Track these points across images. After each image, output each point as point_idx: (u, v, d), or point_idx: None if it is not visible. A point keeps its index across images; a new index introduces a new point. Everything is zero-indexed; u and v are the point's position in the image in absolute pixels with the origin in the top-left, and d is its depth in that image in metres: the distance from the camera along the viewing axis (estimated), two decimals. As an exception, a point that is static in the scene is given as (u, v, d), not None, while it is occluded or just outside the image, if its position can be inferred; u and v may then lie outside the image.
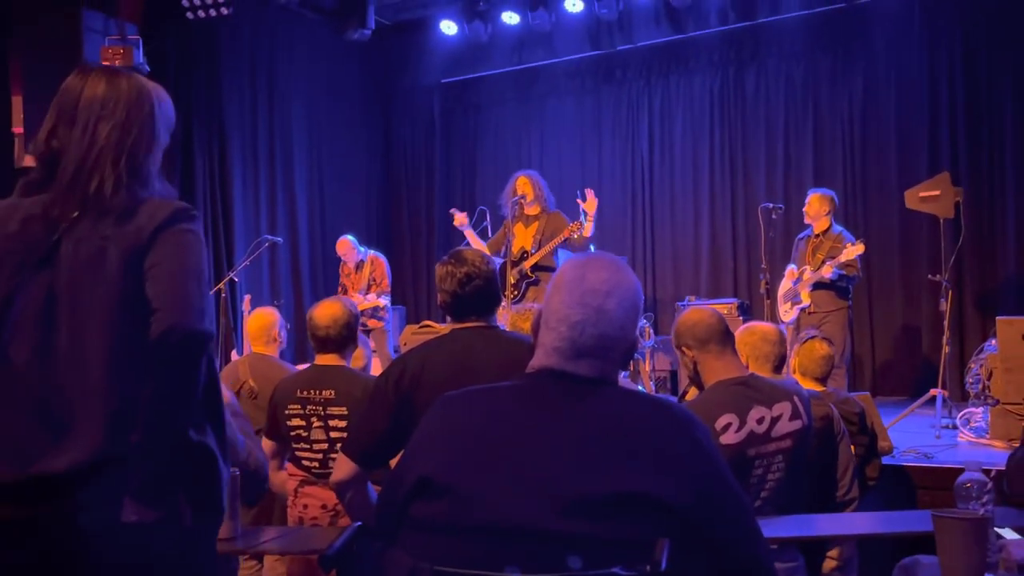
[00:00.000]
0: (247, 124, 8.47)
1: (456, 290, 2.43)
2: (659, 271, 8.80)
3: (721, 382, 2.56)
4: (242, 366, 4.09)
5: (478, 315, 2.44)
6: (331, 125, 9.25)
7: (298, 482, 3.11)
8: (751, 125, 8.46)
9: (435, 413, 1.51)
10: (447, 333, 2.47)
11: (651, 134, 8.89)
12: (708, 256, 8.55)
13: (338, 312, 3.16)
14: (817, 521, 2.66)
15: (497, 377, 1.59)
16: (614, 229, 8.88)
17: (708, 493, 1.36)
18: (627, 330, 1.49)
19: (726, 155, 8.56)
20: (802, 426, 2.54)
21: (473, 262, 2.45)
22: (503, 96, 9.54)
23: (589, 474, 1.34)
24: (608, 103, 9.10)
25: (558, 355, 1.46)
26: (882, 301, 7.81)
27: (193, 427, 1.60)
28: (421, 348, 2.46)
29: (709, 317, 2.61)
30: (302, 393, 3.11)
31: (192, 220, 1.66)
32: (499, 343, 2.39)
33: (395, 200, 10.11)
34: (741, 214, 8.42)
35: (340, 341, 3.16)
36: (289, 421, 3.12)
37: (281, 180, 8.74)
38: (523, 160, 9.04)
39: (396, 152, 10.12)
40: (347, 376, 3.12)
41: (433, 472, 1.41)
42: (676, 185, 8.78)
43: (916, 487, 4.14)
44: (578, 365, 1.45)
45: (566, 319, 1.46)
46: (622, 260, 1.57)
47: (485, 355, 2.34)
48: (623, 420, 1.40)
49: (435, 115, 9.89)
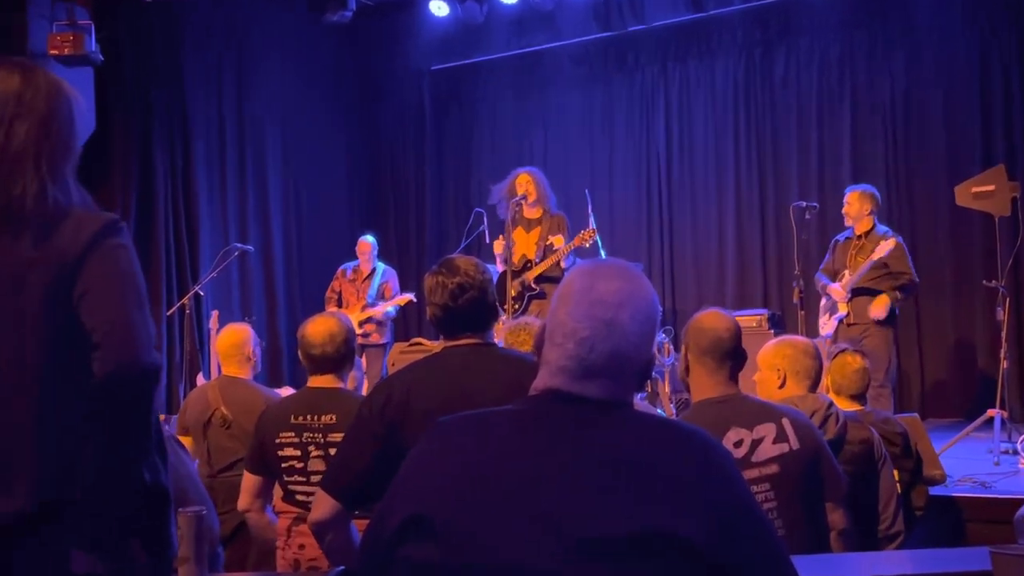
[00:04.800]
0: (213, 119, 8.51)
1: (448, 303, 2.43)
2: (679, 279, 8.81)
3: (703, 402, 2.62)
4: (212, 391, 4.08)
5: (473, 331, 2.45)
6: (308, 120, 9.30)
7: (292, 520, 3.11)
8: (781, 114, 8.46)
9: (426, 442, 1.51)
10: (438, 352, 2.47)
11: (668, 126, 8.90)
12: (734, 262, 8.57)
13: (334, 328, 3.17)
14: (848, 561, 2.61)
15: (496, 401, 1.59)
16: (628, 232, 8.90)
17: (734, 527, 1.36)
18: (643, 346, 1.48)
19: (753, 148, 8.55)
20: (789, 450, 2.57)
21: (466, 271, 2.45)
22: (501, 85, 9.57)
23: (602, 511, 1.33)
24: (619, 92, 9.11)
25: (565, 375, 1.46)
26: (931, 311, 7.79)
27: (147, 467, 1.60)
28: (409, 369, 2.47)
29: (723, 329, 2.64)
30: (297, 419, 3.11)
31: (122, 233, 1.65)
32: (498, 362, 2.40)
33: (380, 203, 10.13)
34: (771, 214, 8.43)
35: (338, 360, 3.17)
36: (281, 451, 3.12)
37: (252, 182, 8.79)
38: (524, 156, 9.02)
39: (381, 149, 10.16)
40: (348, 399, 3.13)
41: (424, 509, 1.40)
42: (697, 182, 8.79)
43: (966, 520, 4.14)
44: (587, 386, 1.45)
45: (573, 334, 1.46)
46: (637, 267, 1.56)
47: (482, 376, 2.34)
48: (639, 448, 1.40)
49: (425, 107, 9.92)
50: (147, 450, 1.60)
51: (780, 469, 2.54)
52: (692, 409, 2.64)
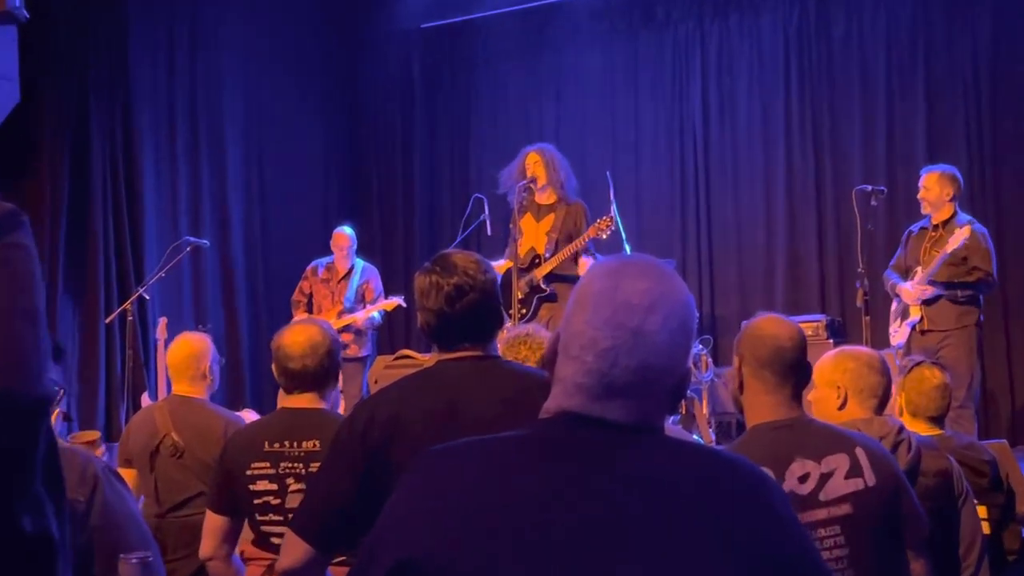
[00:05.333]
0: (162, 89, 8.53)
1: (443, 308, 2.43)
2: (719, 279, 8.82)
3: (760, 426, 2.61)
4: (160, 414, 4.08)
5: (473, 341, 2.45)
6: (276, 89, 9.32)
7: (265, 568, 3.09)
8: (841, 81, 8.50)
9: (416, 474, 1.51)
10: (431, 367, 2.48)
11: (705, 93, 8.96)
12: (785, 258, 8.58)
13: (316, 337, 3.18)
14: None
15: (500, 425, 1.59)
16: (657, 222, 8.96)
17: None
18: (676, 359, 1.48)
19: (807, 120, 8.62)
20: (865, 486, 2.55)
21: (465, 269, 2.45)
22: (505, 45, 9.61)
23: (629, 559, 1.32)
24: (647, 53, 9.21)
25: (582, 394, 1.45)
26: (1022, 318, 7.81)
27: (29, 513, 1.56)
28: (396, 387, 2.47)
29: (786, 338, 2.64)
30: (273, 447, 3.12)
31: (20, 228, 1.56)
32: (502, 379, 2.41)
33: (362, 188, 10.21)
34: (829, 200, 8.43)
35: (320, 376, 3.18)
36: (252, 485, 3.11)
37: (208, 164, 8.80)
38: (532, 131, 9.01)
39: (363, 124, 10.22)
40: (334, 422, 3.06)
41: (415, 554, 1.40)
42: (740, 162, 8.83)
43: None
44: (610, 407, 1.44)
45: (593, 345, 1.45)
46: (668, 264, 1.56)
47: (483, 395, 2.35)
48: (673, 483, 1.39)
49: (414, 72, 9.98)
50: (24, 488, 1.56)
51: (854, 509, 2.51)
52: (748, 435, 2.63)
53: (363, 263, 7.75)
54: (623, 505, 1.37)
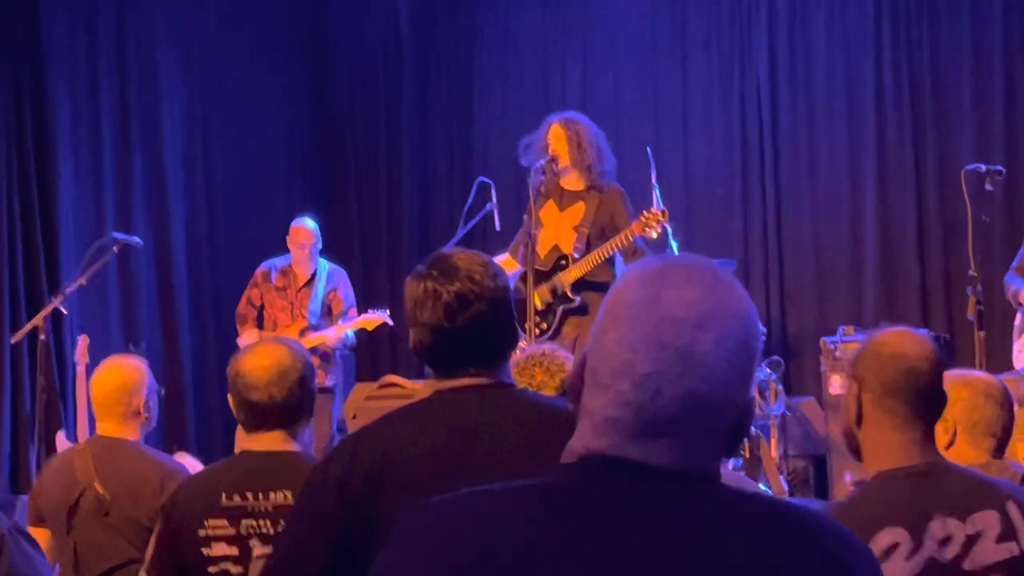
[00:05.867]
0: (81, 50, 8.47)
1: (442, 323, 2.44)
2: (790, 285, 8.83)
3: (888, 473, 2.57)
4: (81, 460, 4.07)
5: (480, 365, 2.47)
6: (225, 49, 9.32)
7: None
8: (947, 34, 8.48)
9: (409, 533, 1.51)
10: (426, 398, 2.51)
11: (773, 51, 8.97)
12: (876, 258, 8.56)
13: (285, 361, 3.22)
14: None
15: (513, 471, 1.61)
16: (712, 213, 8.97)
17: None
18: (735, 387, 1.48)
19: (904, 86, 8.64)
20: (1020, 553, 2.52)
21: (470, 274, 2.46)
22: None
23: None
24: (699, 2, 9.11)
25: (616, 432, 1.46)
26: None
27: None
28: (382, 424, 2.49)
29: (919, 358, 2.62)
30: (232, 500, 3.14)
31: None
32: (516, 413, 2.43)
33: (336, 170, 10.19)
34: (931, 185, 8.43)
35: (291, 409, 3.23)
36: (207, 549, 3.13)
37: (141, 142, 8.73)
38: (553, 98, 9.03)
39: (338, 90, 10.20)
40: (308, 468, 3.05)
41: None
42: (817, 138, 8.88)
43: None
44: (651, 449, 1.44)
45: (629, 370, 1.45)
46: (725, 267, 1.55)
47: (492, 434, 2.37)
48: (734, 549, 1.39)
49: (401, 24, 9.93)
50: None
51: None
52: (873, 485, 2.59)
53: (329, 265, 7.76)
54: (672, 571, 1.37)
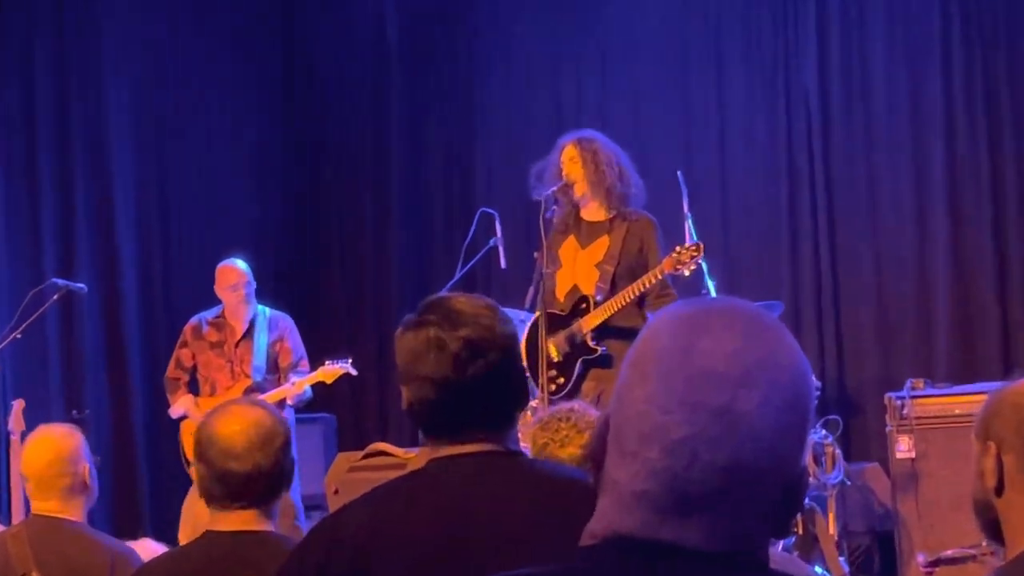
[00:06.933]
0: (13, 72, 8.57)
1: (449, 376, 2.54)
2: (848, 332, 8.91)
3: None
4: (16, 545, 4.16)
5: (487, 428, 2.57)
6: (185, 61, 9.49)
7: None
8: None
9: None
10: (421, 468, 2.63)
11: (825, 60, 9.04)
12: (949, 300, 8.64)
13: (266, 422, 3.30)
14: None
15: (524, 555, 1.74)
16: (754, 249, 8.97)
17: None
18: (784, 452, 1.52)
19: (977, 97, 8.67)
20: None
21: (477, 319, 2.57)
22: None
23: None
24: (734, 1, 9.18)
25: (645, 508, 1.49)
26: None
27: None
28: (368, 501, 2.61)
29: None
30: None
31: None
32: (528, 486, 2.55)
33: (314, 200, 10.32)
34: (1012, 209, 8.54)
35: (271, 483, 3.30)
36: None
37: (83, 169, 8.88)
38: (567, 116, 9.19)
39: (317, 108, 10.39)
40: (281, 552, 3.12)
41: None
42: (877, 159, 8.90)
43: None
44: (686, 528, 1.48)
45: (659, 434, 1.49)
46: (770, 311, 1.52)
47: (500, 511, 2.48)
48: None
49: (388, 31, 10.02)
50: None
51: None
52: (1011, 568, 2.54)
53: (269, 311, 7.79)
54: None
